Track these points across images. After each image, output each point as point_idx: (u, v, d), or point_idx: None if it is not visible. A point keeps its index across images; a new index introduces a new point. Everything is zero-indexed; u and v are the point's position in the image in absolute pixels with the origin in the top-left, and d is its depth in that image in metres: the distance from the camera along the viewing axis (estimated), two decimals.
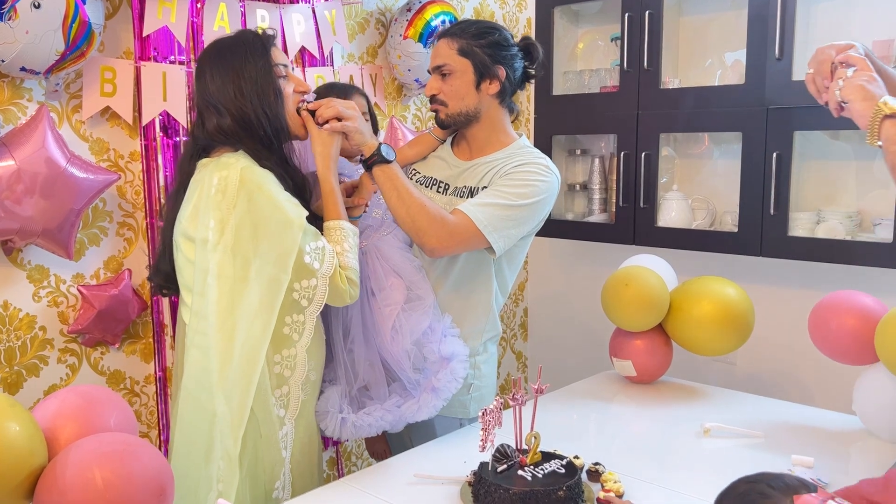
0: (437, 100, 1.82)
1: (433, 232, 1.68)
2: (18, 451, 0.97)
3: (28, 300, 1.90)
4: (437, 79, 1.81)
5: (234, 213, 1.47)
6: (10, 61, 1.71)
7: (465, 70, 1.78)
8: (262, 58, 1.58)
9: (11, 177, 1.72)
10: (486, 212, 1.71)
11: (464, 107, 1.80)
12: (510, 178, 1.77)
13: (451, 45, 1.79)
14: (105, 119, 2.00)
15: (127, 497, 0.98)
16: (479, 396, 1.91)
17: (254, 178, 1.49)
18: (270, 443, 1.58)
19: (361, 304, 1.75)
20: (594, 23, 3.01)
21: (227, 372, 1.48)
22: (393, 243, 1.83)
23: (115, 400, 1.17)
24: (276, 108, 1.58)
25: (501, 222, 1.72)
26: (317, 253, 1.53)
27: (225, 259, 1.48)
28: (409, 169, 1.96)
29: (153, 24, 2.01)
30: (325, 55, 2.43)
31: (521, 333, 3.38)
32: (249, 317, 1.49)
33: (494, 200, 1.73)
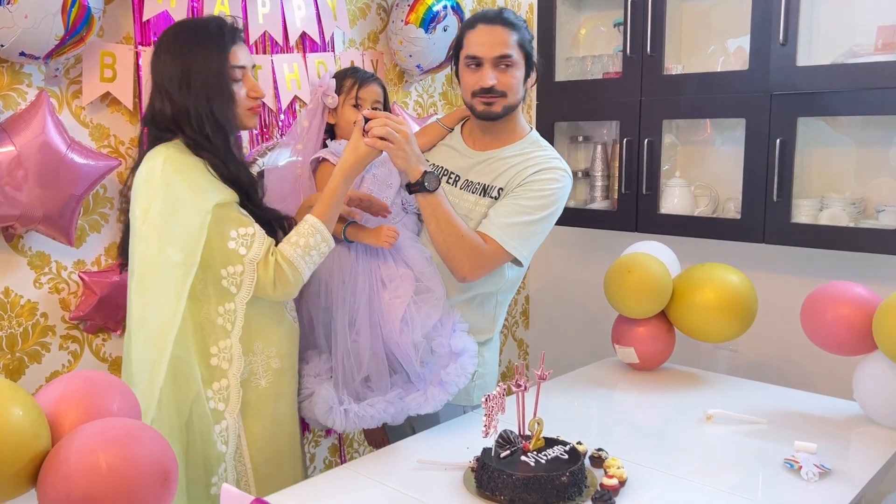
0: (496, 91, 1.77)
1: (467, 262, 1.72)
2: (21, 436, 0.97)
3: (29, 287, 1.89)
4: (497, 69, 1.77)
5: (154, 202, 1.50)
6: (9, 46, 1.69)
7: (521, 64, 1.78)
8: (218, 57, 1.57)
9: (11, 163, 1.71)
10: (513, 231, 1.74)
11: (515, 100, 1.81)
12: (529, 190, 1.77)
13: (512, 36, 1.77)
14: (105, 105, 1.99)
15: (131, 481, 0.98)
16: (483, 384, 1.91)
17: (176, 166, 1.52)
18: (204, 437, 1.57)
19: (370, 295, 1.75)
20: (596, 8, 2.99)
21: (131, 356, 1.51)
22: (404, 233, 1.81)
23: (118, 385, 1.17)
24: (223, 109, 1.58)
25: (527, 238, 1.77)
26: (244, 239, 1.55)
27: (143, 246, 1.51)
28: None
29: (153, 8, 1.99)
30: (325, 41, 2.41)
31: (522, 321, 3.38)
32: (158, 303, 1.50)
33: (518, 219, 1.75)
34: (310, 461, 2.59)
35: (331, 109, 1.89)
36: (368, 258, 1.76)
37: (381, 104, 1.90)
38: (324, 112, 1.89)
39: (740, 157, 2.44)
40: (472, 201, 1.83)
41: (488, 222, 1.76)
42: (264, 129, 2.31)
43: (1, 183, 1.71)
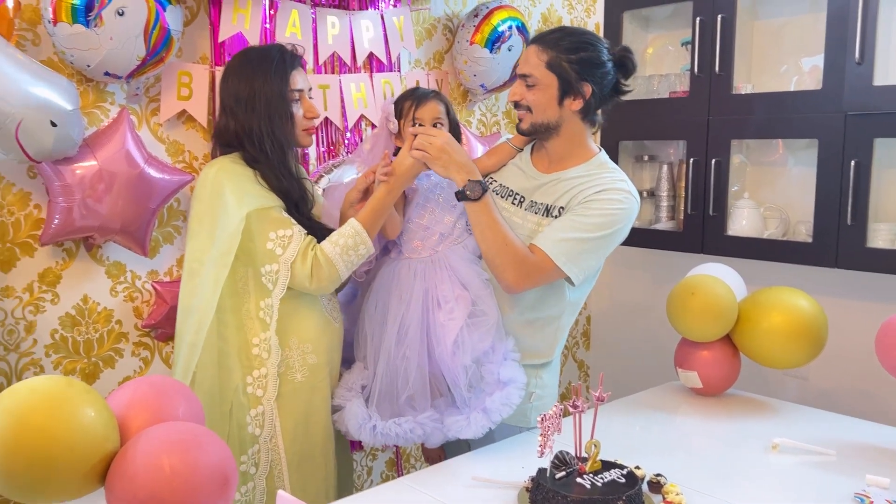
0: (522, 106, 1.79)
1: (512, 270, 1.70)
2: (93, 436, 1.02)
3: (106, 295, 1.99)
4: (522, 85, 1.78)
5: (204, 205, 1.70)
6: (95, 66, 1.79)
7: (550, 84, 1.74)
8: (279, 81, 1.74)
9: (93, 176, 1.80)
10: (565, 247, 1.70)
11: (545, 119, 1.77)
12: (589, 208, 1.73)
13: (541, 56, 1.74)
14: (181, 122, 2.08)
15: (192, 484, 1.01)
16: (541, 405, 1.89)
17: (227, 174, 1.70)
18: (240, 423, 1.72)
19: (425, 313, 1.76)
20: (664, 27, 2.96)
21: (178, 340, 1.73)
22: (462, 254, 1.82)
23: (184, 391, 1.21)
24: (282, 128, 1.74)
25: (580, 255, 1.72)
26: (281, 240, 1.69)
27: (193, 244, 1.72)
28: (487, 177, 1.94)
29: (228, 30, 2.07)
30: (392, 61, 2.46)
31: (583, 342, 3.34)
32: (201, 294, 1.68)
33: (572, 235, 1.70)
34: (367, 474, 2.61)
35: (394, 134, 1.90)
36: (426, 277, 1.78)
37: (442, 119, 1.88)
38: (388, 136, 1.92)
39: (813, 178, 2.37)
40: (534, 222, 1.80)
41: (541, 235, 1.74)
42: (331, 147, 2.37)
43: (83, 195, 1.80)
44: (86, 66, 1.79)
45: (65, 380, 1.06)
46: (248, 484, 1.74)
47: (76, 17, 1.72)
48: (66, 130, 1.70)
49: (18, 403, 1.00)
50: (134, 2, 1.76)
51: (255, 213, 1.67)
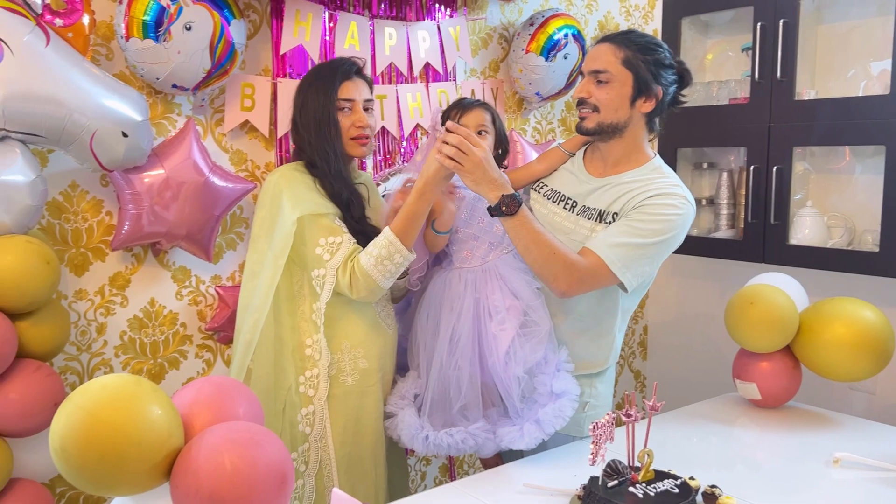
0: (588, 104, 1.75)
1: (563, 277, 1.67)
2: (159, 433, 1.07)
3: (172, 298, 2.06)
4: (592, 83, 1.74)
5: (266, 210, 1.77)
6: (163, 79, 1.87)
7: (626, 82, 1.71)
8: (326, 92, 1.79)
9: (161, 184, 1.88)
10: (619, 252, 1.67)
11: (614, 118, 1.74)
12: (644, 213, 1.70)
13: (617, 53, 1.72)
14: (244, 132, 2.15)
15: (251, 482, 1.05)
16: (594, 415, 1.87)
17: (286, 181, 1.77)
18: (292, 422, 1.78)
19: (476, 323, 1.76)
20: (724, 33, 2.91)
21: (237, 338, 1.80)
22: (513, 263, 1.81)
23: (245, 392, 1.26)
24: (327, 138, 1.78)
25: (634, 261, 1.69)
26: (330, 246, 1.73)
27: (254, 245, 1.79)
28: (538, 182, 1.95)
29: (289, 42, 2.14)
30: (448, 70, 2.49)
31: (639, 352, 3.30)
32: (258, 294, 1.75)
33: (627, 240, 1.68)
34: (420, 479, 2.64)
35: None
36: (477, 287, 1.78)
37: (487, 128, 1.87)
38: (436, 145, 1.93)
39: (880, 186, 2.30)
40: (587, 227, 1.78)
41: (595, 239, 1.71)
42: (387, 156, 2.41)
43: (151, 203, 1.88)
44: (155, 78, 1.88)
45: (134, 378, 1.11)
46: (298, 481, 1.79)
47: (147, 32, 1.80)
48: (137, 140, 1.78)
49: (90, 400, 1.05)
50: (201, 17, 1.84)
51: (308, 218, 1.72)
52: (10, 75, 1.57)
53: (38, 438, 1.67)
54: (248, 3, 2.10)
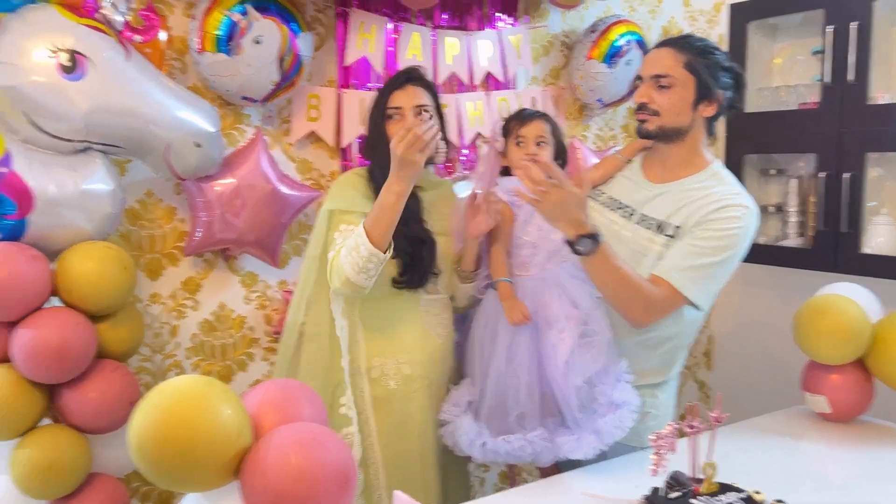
0: (649, 109, 1.73)
1: (640, 311, 1.67)
2: (229, 432, 1.11)
3: (240, 302, 2.13)
4: (653, 87, 1.73)
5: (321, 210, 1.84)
6: (234, 91, 1.94)
7: (688, 86, 1.70)
8: (378, 104, 1.82)
9: (232, 192, 1.95)
10: (690, 275, 1.66)
11: (676, 122, 1.72)
12: (709, 230, 1.67)
13: (678, 57, 1.70)
14: (310, 142, 2.21)
15: (316, 482, 1.08)
16: (656, 426, 1.83)
17: (337, 182, 1.88)
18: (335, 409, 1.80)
19: (535, 332, 1.75)
20: (793, 36, 2.84)
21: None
22: (572, 272, 1.80)
23: (310, 394, 1.29)
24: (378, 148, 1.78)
25: (705, 281, 1.68)
26: (344, 233, 1.75)
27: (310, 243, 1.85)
28: (595, 190, 1.93)
29: (354, 54, 2.19)
30: (509, 79, 2.50)
31: (704, 362, 3.23)
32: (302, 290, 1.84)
33: (696, 261, 1.66)
34: (479, 485, 2.64)
35: (501, 153, 1.92)
36: (536, 296, 1.78)
37: (546, 139, 1.87)
38: (496, 156, 1.93)
39: None
40: (647, 237, 1.76)
41: (664, 265, 1.69)
42: (448, 164, 2.44)
43: (222, 210, 1.95)
44: (226, 90, 1.95)
45: (206, 379, 1.16)
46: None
47: (219, 46, 1.88)
48: (209, 151, 1.86)
49: (166, 400, 1.11)
50: (270, 31, 1.90)
51: (338, 213, 1.78)
52: (93, 90, 1.66)
53: (114, 435, 1.75)
54: (315, 17, 2.16)
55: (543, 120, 1.89)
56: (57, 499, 1.70)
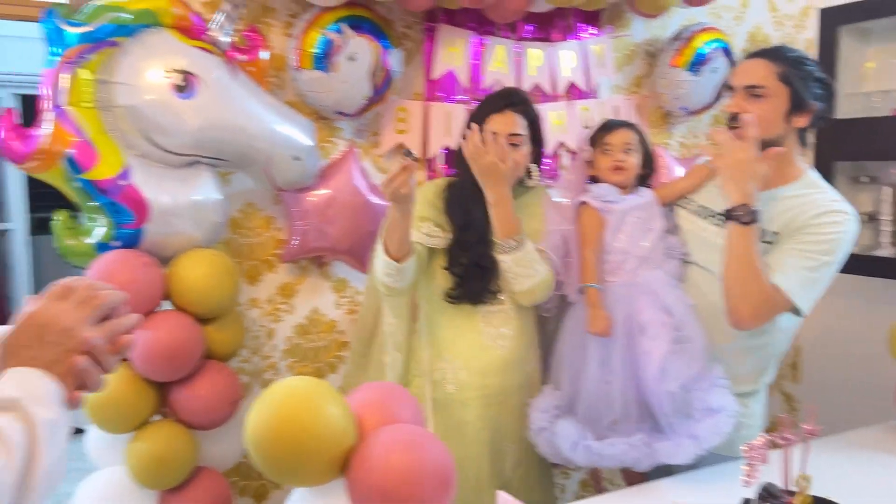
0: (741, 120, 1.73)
1: (751, 306, 1.65)
2: (336, 430, 1.18)
3: (332, 307, 2.22)
4: (745, 98, 1.72)
5: None
6: (329, 106, 2.04)
7: (782, 97, 1.70)
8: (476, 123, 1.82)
9: (326, 203, 2.04)
10: (796, 279, 1.66)
11: (769, 133, 1.71)
12: (811, 234, 1.67)
13: (772, 68, 1.70)
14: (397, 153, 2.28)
15: (419, 481, 1.14)
16: (747, 435, 1.81)
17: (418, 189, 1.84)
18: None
19: (628, 338, 1.77)
20: (887, 39, 2.75)
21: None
22: (663, 278, 1.81)
23: (408, 397, 1.35)
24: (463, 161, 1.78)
25: (811, 285, 1.68)
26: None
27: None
28: (684, 199, 1.94)
29: (441, 67, 2.25)
30: (591, 88, 2.52)
31: (791, 374, 3.15)
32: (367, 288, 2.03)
33: (802, 264, 1.66)
34: (560, 491, 2.66)
35: (589, 162, 1.95)
36: (628, 302, 1.80)
37: (633, 146, 1.90)
38: (584, 166, 1.97)
39: None
40: None
41: (769, 270, 1.67)
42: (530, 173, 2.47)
43: (317, 220, 2.04)
44: (321, 106, 2.05)
45: (315, 380, 1.24)
46: None
47: (316, 63, 1.97)
48: (306, 163, 1.95)
49: (280, 398, 1.18)
50: (363, 48, 1.99)
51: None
52: (203, 107, 1.77)
53: (219, 432, 1.86)
54: (404, 32, 2.23)
55: (629, 128, 1.93)
56: (166, 489, 1.82)
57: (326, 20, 1.97)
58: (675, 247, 1.87)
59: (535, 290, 1.81)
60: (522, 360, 1.91)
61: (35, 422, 0.83)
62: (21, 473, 0.80)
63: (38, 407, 0.84)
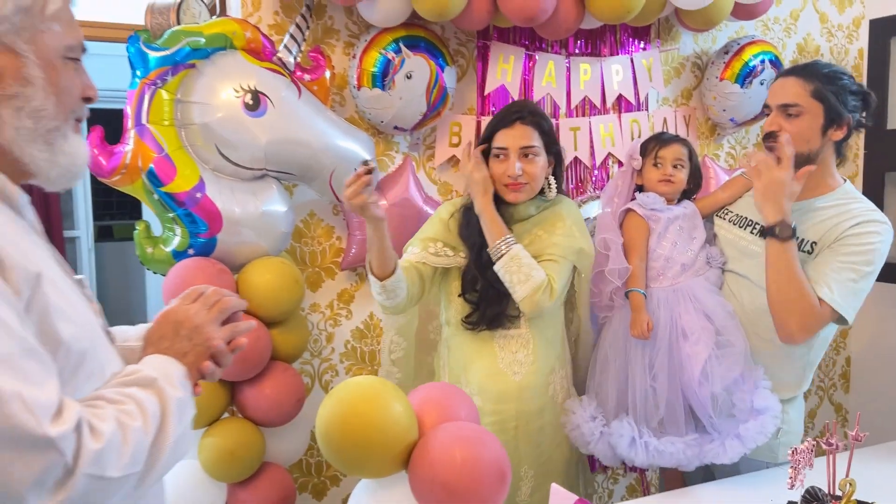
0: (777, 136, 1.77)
1: (797, 321, 1.70)
2: (400, 426, 1.27)
3: None
4: (781, 116, 1.77)
5: None
6: (387, 122, 2.14)
7: (817, 113, 1.74)
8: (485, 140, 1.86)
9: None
10: (841, 290, 1.70)
11: (806, 149, 1.75)
12: (850, 245, 1.71)
13: (805, 86, 1.75)
14: (450, 166, 2.38)
15: (477, 475, 1.22)
16: (787, 441, 1.86)
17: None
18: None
19: (670, 344, 1.82)
20: None
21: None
22: (705, 285, 1.87)
23: (465, 396, 1.44)
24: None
25: (855, 296, 1.72)
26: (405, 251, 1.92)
27: None
28: (723, 209, 2.00)
29: (493, 83, 2.34)
30: (640, 101, 2.58)
31: (841, 384, 3.15)
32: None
33: (845, 276, 1.70)
34: (608, 496, 2.71)
35: (637, 171, 2.02)
36: (670, 307, 1.85)
37: (683, 162, 1.97)
38: (633, 174, 2.03)
39: None
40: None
41: (812, 283, 1.72)
42: (579, 184, 2.54)
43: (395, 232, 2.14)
44: (380, 122, 2.15)
45: (380, 380, 1.33)
46: None
47: (375, 82, 2.08)
48: None
49: (349, 395, 1.29)
50: (419, 67, 2.09)
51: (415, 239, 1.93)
52: (272, 124, 1.89)
53: (284, 429, 1.98)
54: (458, 50, 2.33)
55: (681, 144, 1.99)
56: (235, 482, 1.94)
57: (385, 40, 2.08)
58: (716, 256, 1.93)
59: (533, 295, 1.76)
60: (541, 385, 1.87)
61: (167, 398, 0.98)
62: (153, 439, 0.94)
63: (171, 387, 0.99)
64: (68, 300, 0.96)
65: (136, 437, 0.91)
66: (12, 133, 0.94)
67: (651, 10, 2.25)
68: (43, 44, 0.96)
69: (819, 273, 1.73)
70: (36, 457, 0.81)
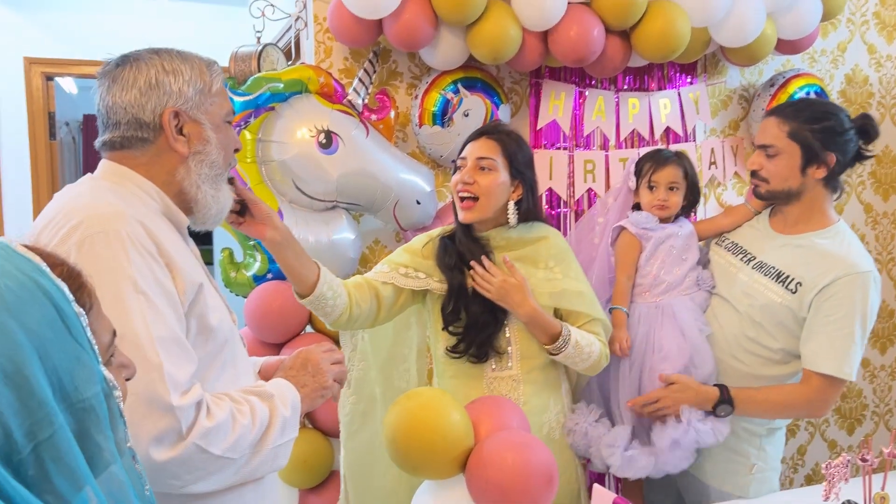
0: (759, 175, 1.85)
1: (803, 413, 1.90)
2: (459, 432, 1.42)
3: None
4: (762, 155, 1.84)
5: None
6: (445, 157, 2.31)
7: (793, 153, 1.79)
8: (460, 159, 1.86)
9: None
10: (837, 359, 1.74)
11: (784, 186, 1.82)
12: (838, 305, 1.73)
13: (782, 127, 1.80)
14: None
15: (527, 478, 1.35)
16: (762, 478, 1.90)
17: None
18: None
19: (640, 356, 1.89)
20: None
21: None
22: (688, 305, 1.91)
23: (516, 407, 1.58)
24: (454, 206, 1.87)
25: (852, 355, 1.75)
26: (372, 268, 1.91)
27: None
28: (721, 236, 2.04)
29: (545, 118, 2.49)
30: (687, 132, 2.68)
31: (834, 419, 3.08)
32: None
33: (839, 341, 1.74)
34: None
35: (632, 190, 2.05)
36: (649, 322, 1.91)
37: (678, 184, 1.97)
38: (628, 192, 2.08)
39: None
40: (762, 284, 1.84)
41: (811, 357, 1.77)
42: None
43: None
44: (439, 156, 2.32)
45: (440, 390, 1.49)
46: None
47: (435, 120, 2.26)
48: (426, 206, 2.23)
49: (413, 403, 1.44)
50: (476, 105, 2.26)
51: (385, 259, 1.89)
52: (343, 161, 2.09)
53: None
54: (511, 88, 2.50)
55: (677, 165, 1.99)
56: (306, 489, 2.11)
57: (444, 82, 2.26)
58: (706, 280, 1.97)
59: (596, 365, 1.80)
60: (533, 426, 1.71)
61: (276, 413, 1.19)
62: (255, 440, 1.15)
63: (282, 406, 1.21)
64: (217, 303, 1.22)
65: (241, 430, 1.12)
66: (196, 178, 1.23)
67: (695, 49, 2.38)
68: (213, 113, 1.26)
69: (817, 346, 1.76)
70: (161, 417, 1.03)
